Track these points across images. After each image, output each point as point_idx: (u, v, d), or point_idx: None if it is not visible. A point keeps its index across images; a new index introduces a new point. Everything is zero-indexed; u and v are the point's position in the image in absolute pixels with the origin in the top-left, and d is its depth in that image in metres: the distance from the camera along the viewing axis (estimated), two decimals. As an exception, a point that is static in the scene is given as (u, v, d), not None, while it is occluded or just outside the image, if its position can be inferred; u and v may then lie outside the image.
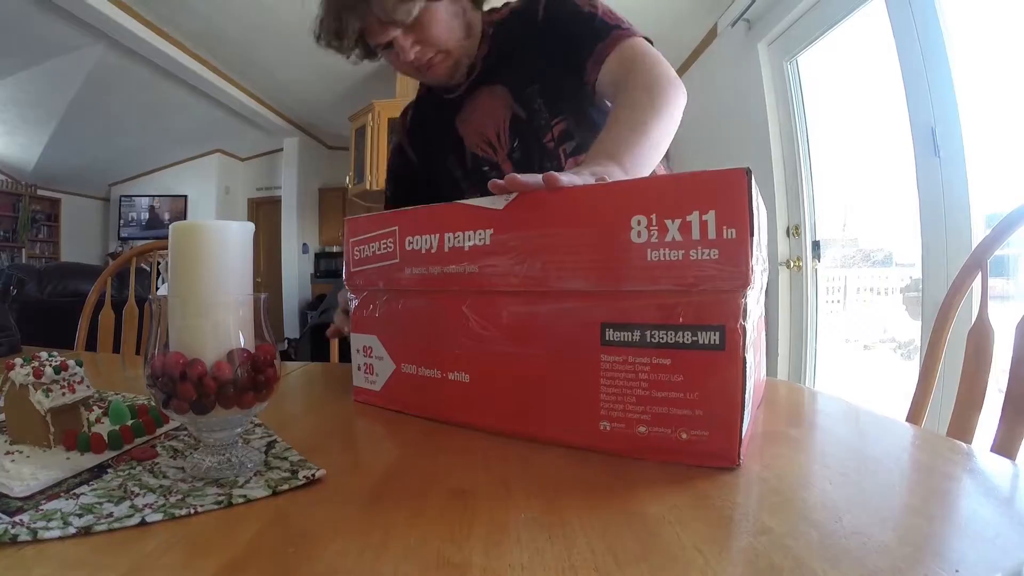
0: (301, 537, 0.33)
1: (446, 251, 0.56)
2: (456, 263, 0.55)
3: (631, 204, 0.45)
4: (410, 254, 0.60)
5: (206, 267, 0.43)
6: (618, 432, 0.47)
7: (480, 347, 0.54)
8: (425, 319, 0.59)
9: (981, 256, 0.79)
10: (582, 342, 0.48)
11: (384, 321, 0.65)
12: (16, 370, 0.48)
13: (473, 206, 0.53)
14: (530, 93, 0.91)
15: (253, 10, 3.56)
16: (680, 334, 0.44)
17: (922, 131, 1.85)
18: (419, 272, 0.59)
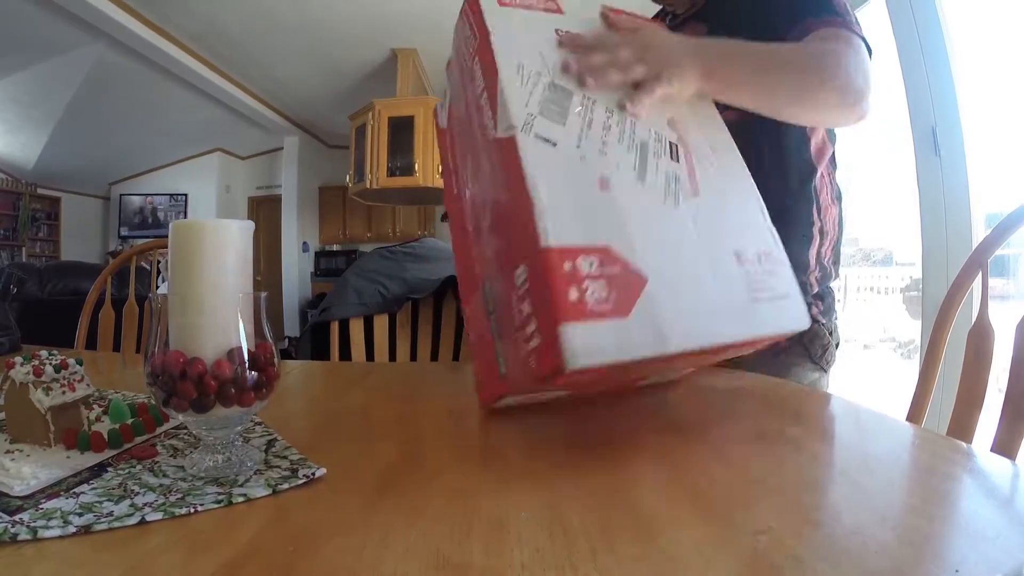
0: (301, 536, 0.33)
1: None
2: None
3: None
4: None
5: (206, 266, 0.42)
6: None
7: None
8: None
9: (981, 256, 0.79)
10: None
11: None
12: (16, 368, 0.48)
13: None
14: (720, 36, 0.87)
15: (253, 9, 3.56)
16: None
17: (922, 130, 1.85)
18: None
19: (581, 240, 0.44)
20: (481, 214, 0.58)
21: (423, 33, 3.86)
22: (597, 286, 0.43)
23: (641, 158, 0.53)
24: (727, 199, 0.58)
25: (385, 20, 3.69)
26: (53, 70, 4.33)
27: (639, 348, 0.43)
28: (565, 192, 0.46)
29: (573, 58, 0.55)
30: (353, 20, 3.71)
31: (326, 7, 3.53)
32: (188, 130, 6.07)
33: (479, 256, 0.60)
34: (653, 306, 0.45)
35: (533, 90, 0.51)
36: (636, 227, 0.48)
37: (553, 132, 0.49)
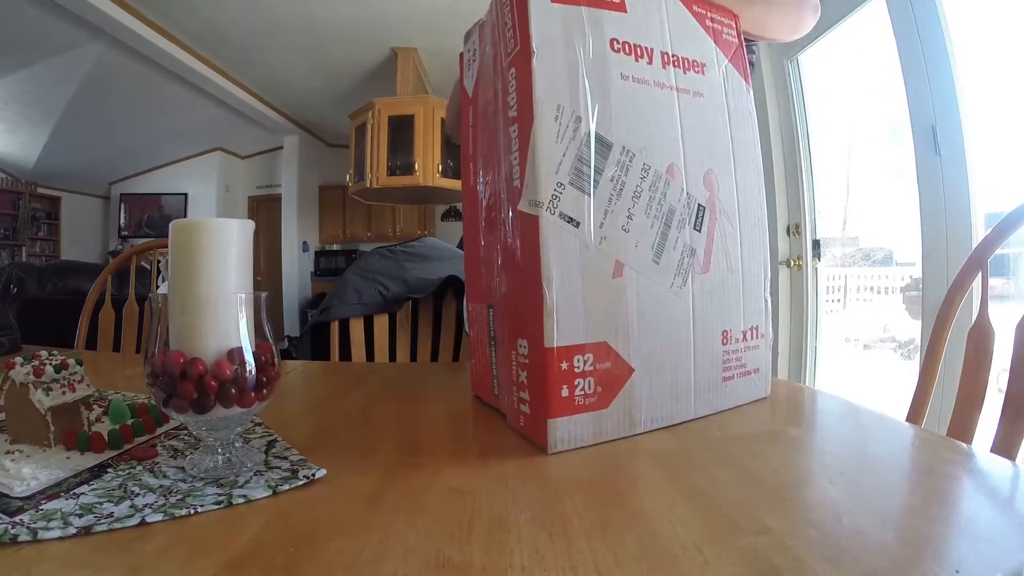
0: (301, 537, 0.33)
1: None
2: None
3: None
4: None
5: (206, 265, 0.42)
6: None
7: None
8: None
9: (981, 255, 0.79)
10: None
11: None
12: (16, 369, 0.48)
13: None
14: None
15: (254, 8, 3.55)
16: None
17: (923, 129, 1.85)
18: None
19: (583, 339, 0.48)
20: (494, 235, 0.57)
21: (423, 32, 3.85)
22: (587, 383, 0.49)
23: (662, 234, 0.53)
24: (735, 274, 0.60)
25: (385, 19, 3.69)
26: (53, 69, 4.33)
27: (612, 433, 0.51)
28: (577, 286, 0.48)
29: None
30: (353, 19, 3.71)
31: (326, 6, 3.53)
32: (188, 129, 6.07)
33: (487, 273, 0.60)
34: (631, 394, 0.51)
35: (568, 147, 0.48)
36: (638, 318, 0.51)
37: (579, 207, 0.48)
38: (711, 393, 0.57)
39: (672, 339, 0.54)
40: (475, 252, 0.64)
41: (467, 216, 0.67)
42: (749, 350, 0.61)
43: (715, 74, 0.60)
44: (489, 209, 0.59)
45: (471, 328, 0.67)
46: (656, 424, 0.53)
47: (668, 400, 0.54)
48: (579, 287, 0.48)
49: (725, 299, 0.58)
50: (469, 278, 0.67)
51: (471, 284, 0.67)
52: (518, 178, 0.49)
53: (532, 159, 0.47)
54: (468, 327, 0.68)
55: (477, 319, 0.65)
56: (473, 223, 0.64)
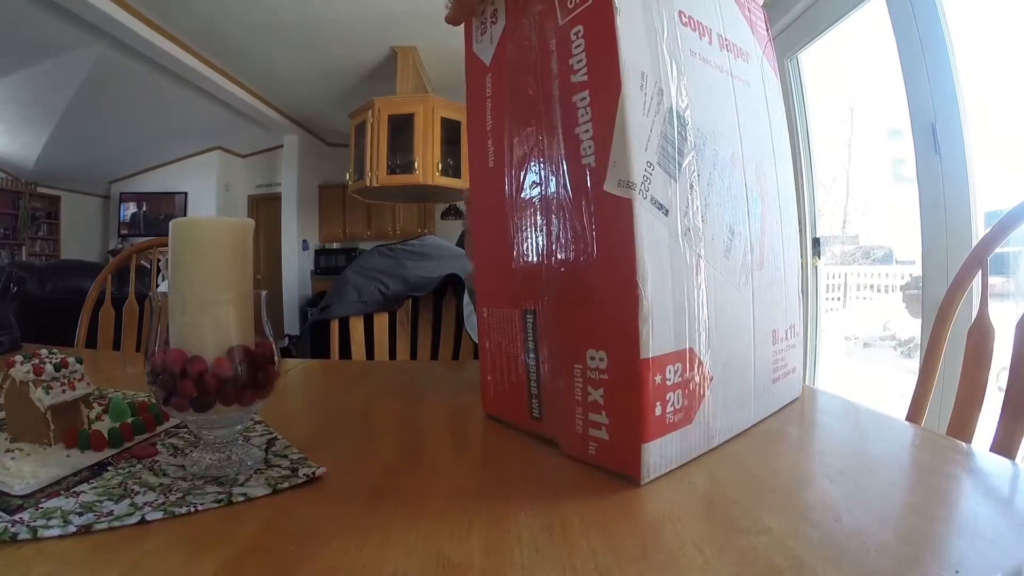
0: (301, 535, 0.33)
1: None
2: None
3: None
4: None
5: (206, 264, 0.42)
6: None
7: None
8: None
9: (981, 254, 0.79)
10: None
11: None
12: (16, 367, 0.48)
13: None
14: None
15: (253, 7, 3.55)
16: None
17: (922, 128, 1.85)
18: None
19: (673, 347, 0.43)
20: (536, 225, 0.50)
21: (423, 31, 3.85)
22: (676, 396, 0.43)
23: (732, 226, 0.50)
24: (779, 270, 0.57)
25: (385, 18, 3.69)
26: (54, 69, 4.32)
27: (694, 451, 0.45)
28: (667, 285, 0.43)
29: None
30: (353, 18, 3.70)
31: (326, 5, 3.53)
32: (188, 128, 6.07)
33: (522, 272, 0.52)
34: (709, 406, 0.46)
35: (654, 121, 0.43)
36: (715, 320, 0.46)
37: (667, 192, 0.43)
38: (766, 396, 0.54)
39: (740, 343, 0.50)
40: (498, 248, 0.55)
41: (482, 206, 0.58)
42: (789, 349, 0.59)
43: (755, 64, 0.57)
44: (522, 195, 0.51)
45: (485, 338, 0.58)
46: (725, 435, 0.48)
47: (735, 407, 0.50)
48: (669, 285, 0.42)
49: (773, 296, 0.55)
50: (484, 279, 0.58)
51: (489, 286, 0.58)
52: (592, 155, 0.43)
53: (621, 132, 0.41)
54: (478, 336, 0.59)
55: (500, 327, 0.55)
56: (493, 214, 0.55)
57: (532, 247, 0.51)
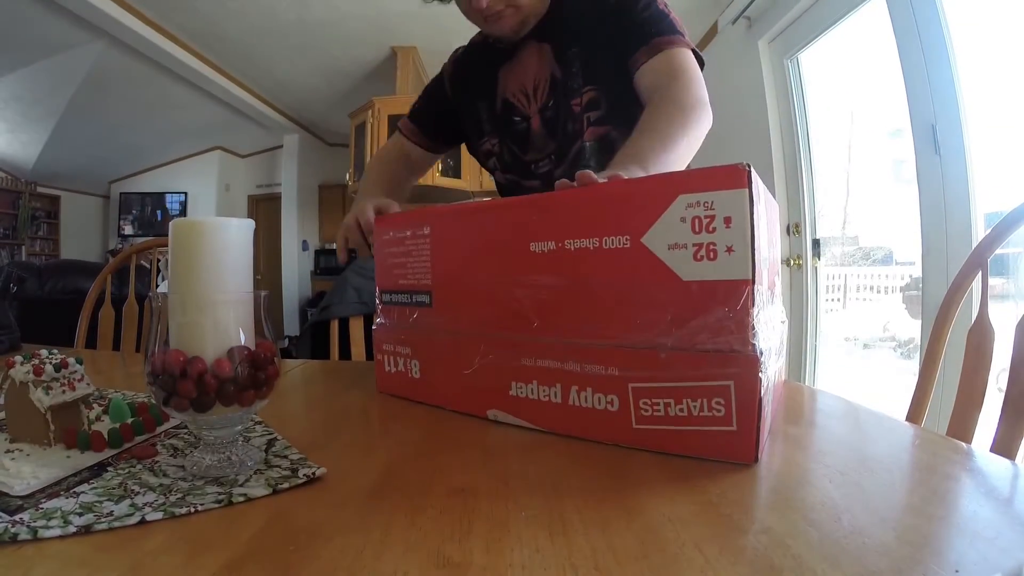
0: (301, 536, 0.33)
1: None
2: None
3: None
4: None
5: (206, 264, 0.42)
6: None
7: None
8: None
9: (981, 255, 0.79)
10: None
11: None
12: (16, 368, 0.48)
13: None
14: (571, 55, 0.95)
15: (254, 8, 3.55)
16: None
17: (923, 128, 1.85)
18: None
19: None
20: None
21: (423, 31, 3.85)
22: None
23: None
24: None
25: (385, 18, 3.68)
26: (54, 69, 4.32)
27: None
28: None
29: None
30: (353, 18, 3.70)
31: (326, 5, 3.53)
32: (188, 128, 6.06)
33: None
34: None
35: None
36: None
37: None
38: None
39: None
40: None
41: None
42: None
43: None
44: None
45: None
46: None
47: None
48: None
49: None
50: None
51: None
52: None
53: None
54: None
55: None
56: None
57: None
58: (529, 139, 1.01)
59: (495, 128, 1.05)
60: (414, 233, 0.66)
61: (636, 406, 0.48)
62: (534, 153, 1.01)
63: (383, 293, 0.71)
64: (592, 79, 0.94)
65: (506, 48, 1.02)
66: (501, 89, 1.03)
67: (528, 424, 0.55)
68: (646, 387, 0.47)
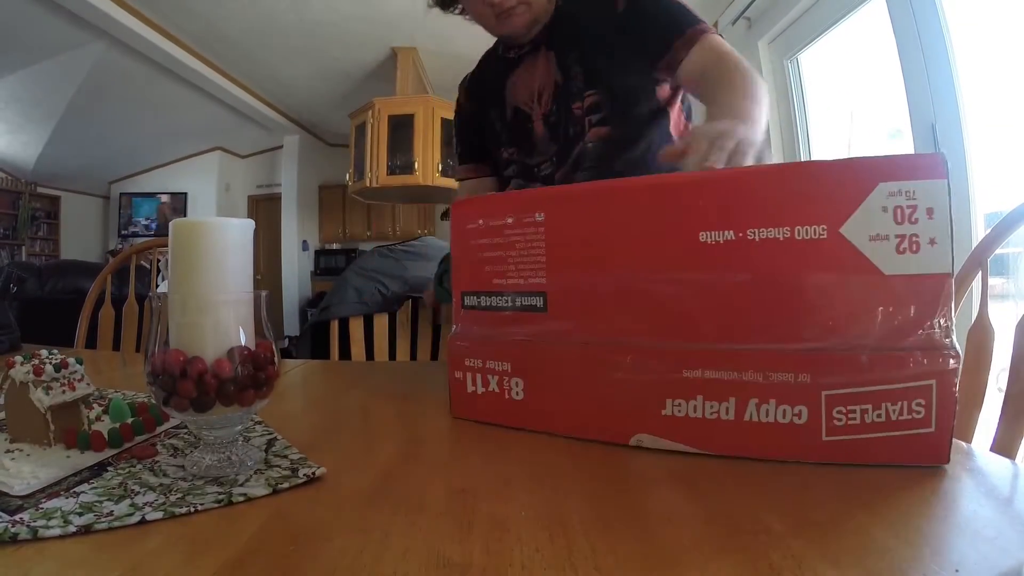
0: (301, 536, 0.33)
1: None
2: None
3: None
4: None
5: (206, 265, 0.42)
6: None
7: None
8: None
9: (981, 255, 0.79)
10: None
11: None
12: (16, 368, 0.48)
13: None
14: (571, 60, 0.96)
15: (254, 9, 3.55)
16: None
17: (922, 128, 1.85)
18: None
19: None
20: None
21: (423, 32, 3.85)
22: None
23: None
24: None
25: (385, 19, 3.69)
26: (54, 69, 4.32)
27: None
28: None
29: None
30: (353, 19, 3.70)
31: (326, 6, 3.53)
32: (188, 129, 6.06)
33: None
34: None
35: None
36: None
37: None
38: None
39: None
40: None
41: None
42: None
43: None
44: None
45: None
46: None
47: None
48: None
49: None
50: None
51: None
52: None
53: None
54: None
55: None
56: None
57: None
58: (534, 143, 1.02)
59: (510, 137, 1.06)
60: (519, 220, 0.54)
61: (829, 416, 0.43)
62: (538, 156, 1.02)
63: (466, 295, 0.58)
64: (594, 83, 0.95)
65: (514, 58, 1.04)
66: (511, 98, 1.04)
67: (687, 448, 0.47)
68: (843, 393, 0.42)
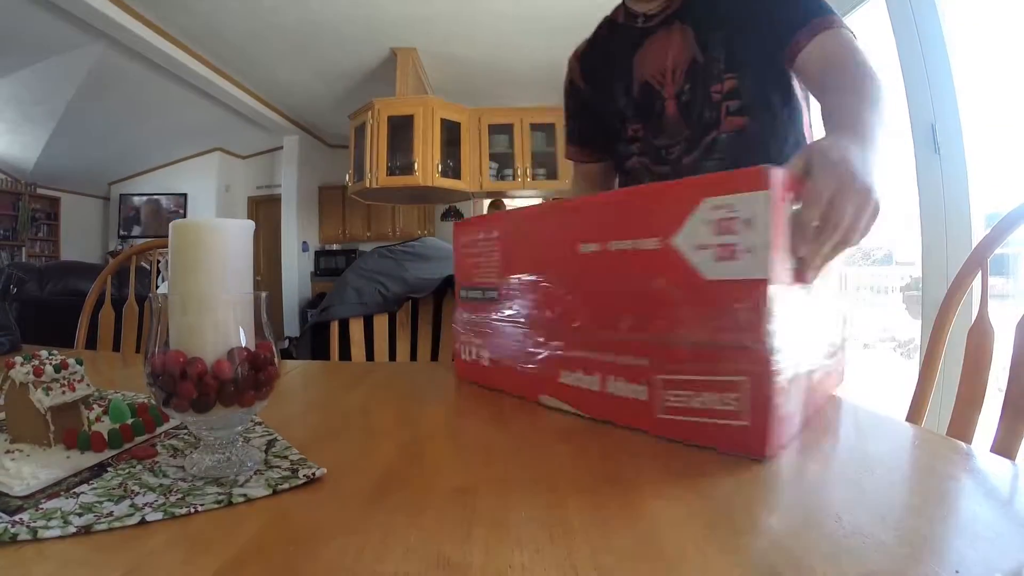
0: (301, 536, 0.33)
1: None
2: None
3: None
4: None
5: (206, 265, 0.42)
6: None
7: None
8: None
9: (981, 255, 0.79)
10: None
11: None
12: (16, 368, 0.48)
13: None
14: (715, 39, 0.91)
15: (253, 9, 3.55)
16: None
17: (922, 128, 1.85)
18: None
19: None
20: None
21: (422, 33, 3.85)
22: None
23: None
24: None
25: (384, 20, 3.68)
26: (53, 70, 4.32)
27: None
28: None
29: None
30: (352, 20, 3.70)
31: (325, 6, 3.53)
32: (188, 130, 6.07)
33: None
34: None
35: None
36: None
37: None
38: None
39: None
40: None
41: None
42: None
43: None
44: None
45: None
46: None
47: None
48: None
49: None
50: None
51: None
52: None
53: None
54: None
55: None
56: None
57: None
58: (663, 123, 0.97)
59: (636, 112, 1.01)
60: (486, 236, 0.73)
61: (662, 396, 0.51)
62: (665, 138, 0.97)
63: (462, 289, 0.78)
64: (734, 66, 0.90)
65: (642, 28, 0.98)
66: (638, 72, 0.98)
67: (572, 409, 0.60)
68: (671, 379, 0.50)
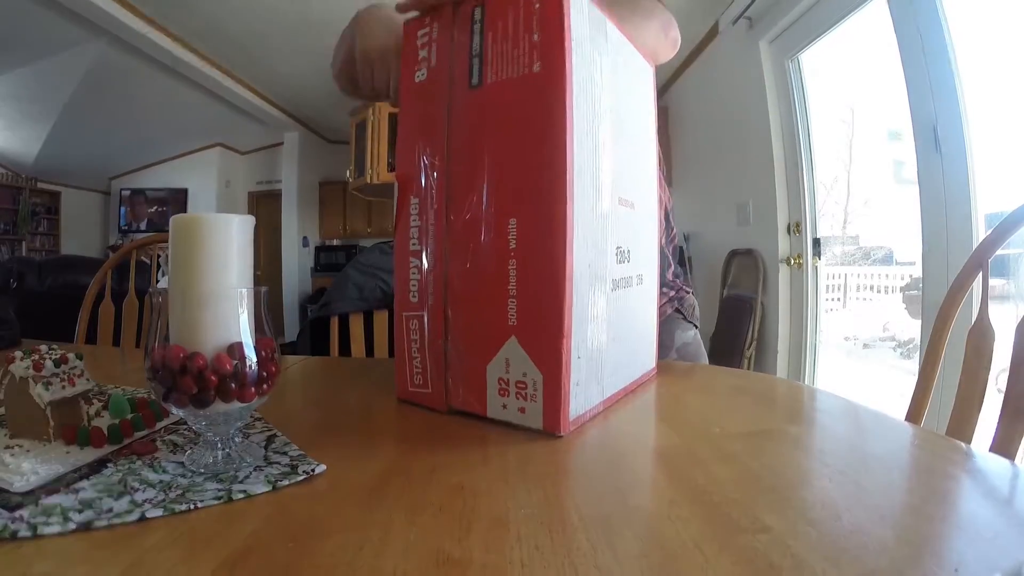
0: (301, 533, 0.33)
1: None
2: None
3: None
4: None
5: (206, 260, 0.42)
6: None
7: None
8: None
9: (982, 256, 0.79)
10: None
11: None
12: (16, 363, 0.48)
13: None
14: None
15: (254, 6, 3.55)
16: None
17: (924, 128, 1.85)
18: None
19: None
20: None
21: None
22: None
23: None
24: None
25: (386, 16, 3.68)
26: (54, 66, 4.32)
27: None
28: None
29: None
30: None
31: (327, 4, 3.52)
32: (188, 125, 6.06)
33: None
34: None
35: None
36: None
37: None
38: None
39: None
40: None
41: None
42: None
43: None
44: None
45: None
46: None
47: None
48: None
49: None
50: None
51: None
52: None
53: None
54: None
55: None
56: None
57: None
58: None
59: None
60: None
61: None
62: None
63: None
64: None
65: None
66: None
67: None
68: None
